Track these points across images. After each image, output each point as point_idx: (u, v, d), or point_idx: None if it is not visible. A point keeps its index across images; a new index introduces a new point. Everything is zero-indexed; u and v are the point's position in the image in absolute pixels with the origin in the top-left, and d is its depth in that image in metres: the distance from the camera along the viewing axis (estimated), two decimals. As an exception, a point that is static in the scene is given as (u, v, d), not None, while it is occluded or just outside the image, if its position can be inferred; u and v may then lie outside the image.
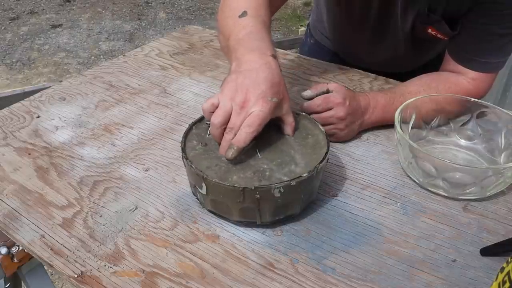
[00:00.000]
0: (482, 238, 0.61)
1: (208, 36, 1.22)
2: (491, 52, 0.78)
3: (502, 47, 0.77)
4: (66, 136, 0.82)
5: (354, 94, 0.77)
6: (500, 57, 0.79)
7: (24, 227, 0.63)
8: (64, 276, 0.57)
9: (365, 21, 0.92)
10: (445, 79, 0.81)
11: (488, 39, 0.76)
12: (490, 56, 0.78)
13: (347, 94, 0.75)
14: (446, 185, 0.66)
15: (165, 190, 0.70)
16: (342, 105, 0.73)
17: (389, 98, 0.79)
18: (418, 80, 0.83)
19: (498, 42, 0.76)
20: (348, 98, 0.74)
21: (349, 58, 1.06)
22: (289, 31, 3.53)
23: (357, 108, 0.76)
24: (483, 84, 0.80)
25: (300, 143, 0.67)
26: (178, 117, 0.87)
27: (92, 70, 1.06)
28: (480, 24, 0.76)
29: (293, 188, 0.58)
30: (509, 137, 0.72)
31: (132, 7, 4.07)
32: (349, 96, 0.75)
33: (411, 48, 0.95)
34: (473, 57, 0.79)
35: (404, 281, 0.56)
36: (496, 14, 0.74)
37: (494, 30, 0.75)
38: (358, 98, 0.77)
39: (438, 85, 0.80)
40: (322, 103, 0.74)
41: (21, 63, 3.17)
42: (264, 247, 0.60)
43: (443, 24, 0.81)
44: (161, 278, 0.56)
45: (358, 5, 0.91)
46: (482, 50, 0.78)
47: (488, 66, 0.79)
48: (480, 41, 0.77)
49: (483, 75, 0.80)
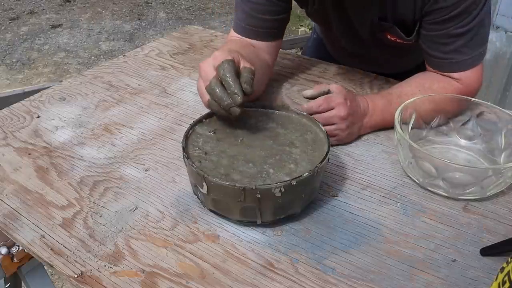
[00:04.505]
0: (482, 238, 0.61)
1: (208, 36, 1.22)
2: (458, 51, 0.78)
3: (468, 42, 0.76)
4: (66, 136, 0.82)
5: (354, 96, 0.78)
6: (473, 51, 0.78)
7: (24, 227, 0.63)
8: (64, 276, 0.57)
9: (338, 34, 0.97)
10: (437, 79, 0.82)
11: (449, 42, 0.77)
12: (460, 55, 0.78)
13: (348, 95, 0.76)
14: (446, 185, 0.66)
15: (165, 190, 0.70)
16: (343, 105, 0.74)
17: (387, 100, 0.80)
18: (412, 80, 0.83)
19: (460, 41, 0.76)
20: (348, 99, 0.75)
21: (347, 64, 1.07)
22: (289, 31, 3.53)
23: (357, 110, 0.76)
24: (471, 81, 0.80)
25: (300, 139, 0.67)
26: (178, 117, 0.87)
27: (92, 70, 1.06)
28: (437, 31, 0.77)
29: (294, 187, 0.58)
30: (509, 137, 0.72)
31: (132, 7, 4.07)
32: (350, 97, 0.76)
33: (392, 53, 0.97)
34: (445, 60, 0.79)
35: (404, 281, 0.55)
36: (446, 19, 0.75)
37: (451, 33, 0.76)
38: (357, 100, 0.78)
39: (432, 85, 0.80)
40: (323, 103, 0.74)
41: (21, 63, 3.17)
42: (264, 247, 0.60)
43: (397, 30, 0.83)
44: (161, 278, 0.56)
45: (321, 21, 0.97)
46: (449, 52, 0.78)
47: (464, 64, 0.79)
48: (443, 45, 0.78)
49: (465, 73, 0.79)
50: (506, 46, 1.93)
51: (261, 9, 0.86)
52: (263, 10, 0.86)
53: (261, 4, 0.85)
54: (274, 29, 0.89)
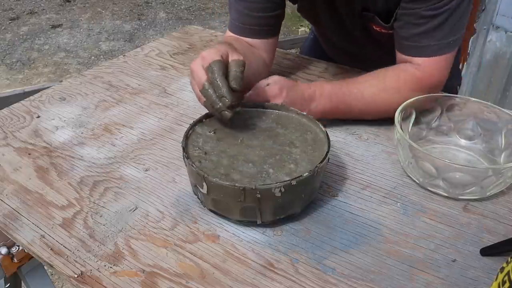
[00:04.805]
0: (482, 238, 0.61)
1: (208, 36, 1.22)
2: (425, 35, 0.76)
3: (436, 29, 0.75)
4: (66, 136, 0.82)
5: (296, 84, 0.77)
6: (437, 39, 0.76)
7: (24, 227, 0.63)
8: (64, 276, 0.57)
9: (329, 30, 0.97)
10: (394, 67, 0.81)
11: (419, 23, 0.76)
12: (426, 39, 0.77)
13: (285, 85, 0.75)
14: (446, 185, 0.66)
15: (165, 190, 0.70)
16: (278, 96, 0.74)
17: (336, 86, 0.79)
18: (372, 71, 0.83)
19: (429, 24, 0.75)
20: (285, 88, 0.75)
21: (341, 63, 1.07)
22: (289, 31, 3.53)
23: (298, 98, 0.76)
24: (432, 69, 0.78)
25: (300, 139, 0.67)
26: (178, 117, 0.87)
27: (92, 70, 1.06)
28: (408, 10, 0.76)
29: (294, 187, 0.58)
30: (509, 137, 0.72)
31: (132, 7, 4.07)
32: (287, 86, 0.75)
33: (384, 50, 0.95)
34: (411, 43, 0.78)
35: (404, 281, 0.55)
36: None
37: (421, 13, 0.75)
38: (300, 87, 0.77)
39: (387, 72, 0.80)
40: (258, 96, 0.74)
41: (21, 63, 3.17)
42: (264, 247, 0.60)
43: (378, 20, 0.83)
44: (161, 278, 0.56)
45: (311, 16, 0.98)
46: (416, 35, 0.77)
47: (429, 50, 0.77)
48: (412, 26, 0.77)
49: (429, 60, 0.78)
50: (506, 46, 1.93)
51: (255, 7, 0.86)
52: (257, 8, 0.86)
53: (254, 2, 0.86)
54: (269, 26, 0.89)
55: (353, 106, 0.80)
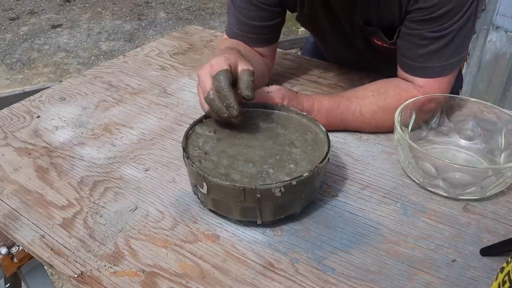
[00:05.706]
0: (482, 238, 0.61)
1: (208, 36, 1.22)
2: (429, 56, 0.76)
3: (439, 50, 0.74)
4: (66, 136, 0.82)
5: (296, 95, 0.77)
6: (441, 61, 0.76)
7: (24, 227, 0.63)
8: (64, 276, 0.57)
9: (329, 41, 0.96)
10: (395, 85, 0.80)
11: (422, 44, 0.75)
12: (431, 61, 0.76)
13: (286, 95, 0.75)
14: (446, 185, 0.66)
15: (165, 190, 0.70)
16: (279, 103, 0.74)
17: (335, 101, 0.79)
18: (370, 85, 0.82)
19: (433, 45, 0.74)
20: (287, 98, 0.75)
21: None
22: (289, 31, 3.53)
23: (297, 108, 0.75)
24: (434, 91, 0.77)
25: (300, 139, 0.67)
26: (178, 117, 0.87)
27: (92, 70, 1.06)
28: (412, 30, 0.75)
29: (294, 187, 0.58)
30: (509, 137, 0.72)
31: (132, 7, 4.07)
32: (289, 96, 0.75)
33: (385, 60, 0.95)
34: (414, 63, 0.77)
35: (404, 281, 0.56)
36: (423, 20, 0.73)
37: (425, 35, 0.74)
38: (300, 99, 0.77)
39: (388, 90, 0.79)
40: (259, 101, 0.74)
41: (21, 63, 3.17)
42: (264, 247, 0.60)
43: (381, 34, 0.82)
44: (161, 278, 0.56)
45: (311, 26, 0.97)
46: (420, 56, 0.76)
47: (431, 71, 0.77)
48: (415, 46, 0.76)
49: (430, 81, 0.77)
50: (506, 46, 1.93)
51: (251, 15, 0.85)
52: (253, 17, 0.85)
53: (250, 10, 0.84)
54: (265, 35, 0.88)
55: (351, 122, 0.80)
